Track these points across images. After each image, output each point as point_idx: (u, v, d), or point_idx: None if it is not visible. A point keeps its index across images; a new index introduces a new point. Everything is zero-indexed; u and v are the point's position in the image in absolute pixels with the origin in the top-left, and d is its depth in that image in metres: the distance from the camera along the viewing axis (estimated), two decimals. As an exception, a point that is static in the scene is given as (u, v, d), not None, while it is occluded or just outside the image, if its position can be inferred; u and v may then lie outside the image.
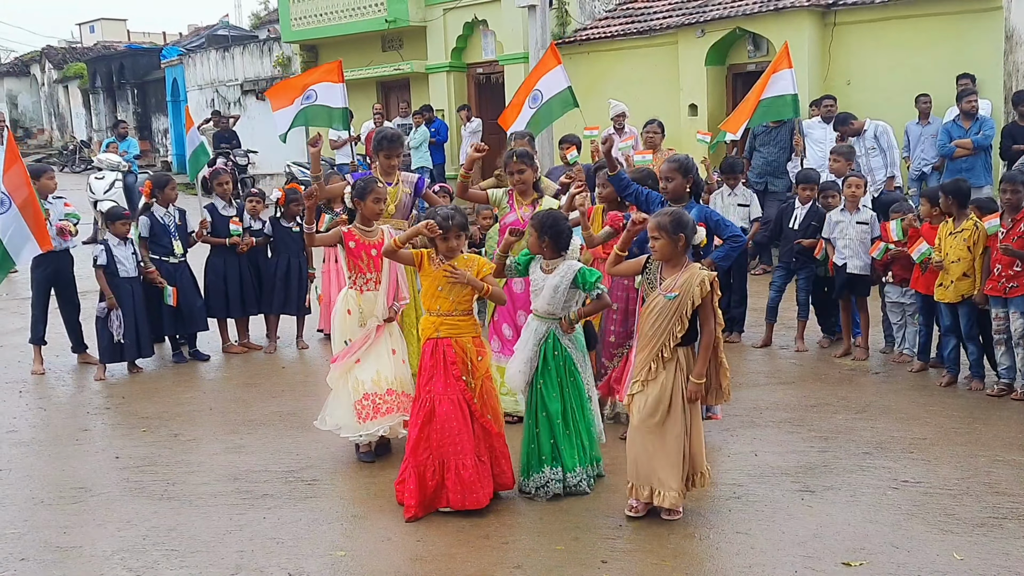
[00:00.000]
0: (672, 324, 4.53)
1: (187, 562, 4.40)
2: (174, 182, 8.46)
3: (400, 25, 17.95)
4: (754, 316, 8.59)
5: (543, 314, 5.00)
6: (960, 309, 6.70)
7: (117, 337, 7.64)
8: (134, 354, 7.82)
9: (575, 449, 4.97)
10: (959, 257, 6.60)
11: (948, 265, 6.63)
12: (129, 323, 7.67)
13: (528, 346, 4.99)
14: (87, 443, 6.21)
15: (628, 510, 4.71)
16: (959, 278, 6.61)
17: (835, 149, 8.51)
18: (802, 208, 7.95)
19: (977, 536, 4.41)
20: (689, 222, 4.65)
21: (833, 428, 5.99)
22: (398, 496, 4.91)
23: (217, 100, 23.81)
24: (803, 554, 4.28)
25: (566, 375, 4.98)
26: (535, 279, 5.04)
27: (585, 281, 4.91)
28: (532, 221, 5.06)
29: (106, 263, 7.62)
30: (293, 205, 8.52)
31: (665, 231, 4.57)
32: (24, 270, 8.96)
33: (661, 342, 4.56)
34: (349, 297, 5.60)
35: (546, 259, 5.03)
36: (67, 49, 37.10)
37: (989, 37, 11.33)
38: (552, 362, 4.96)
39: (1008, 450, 5.50)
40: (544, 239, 4.97)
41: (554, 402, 4.93)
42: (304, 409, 6.75)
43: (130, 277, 7.73)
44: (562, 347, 4.99)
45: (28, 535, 4.76)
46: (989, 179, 10.08)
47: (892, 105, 11.46)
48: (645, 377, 4.62)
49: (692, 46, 14.04)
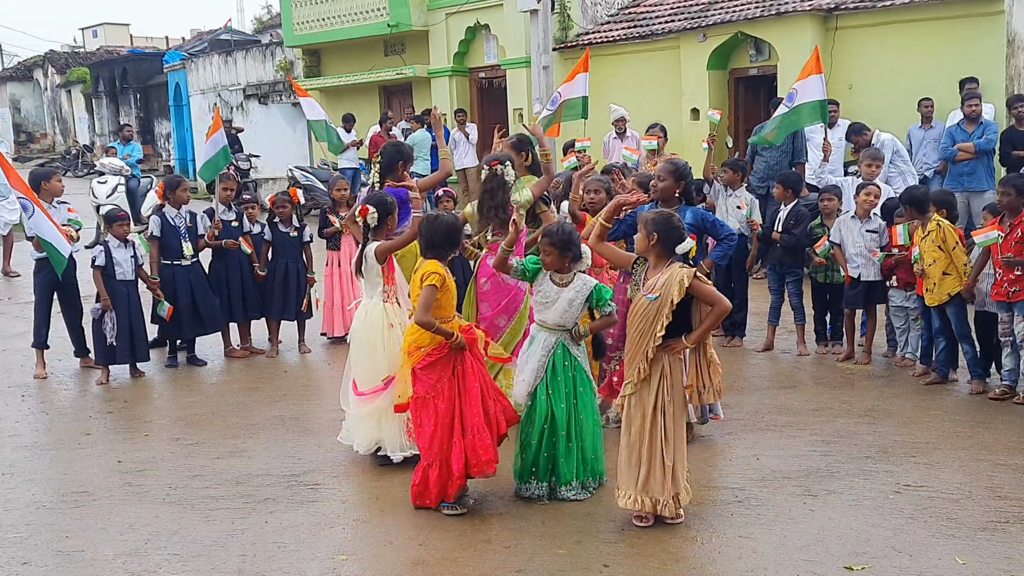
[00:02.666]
0: (655, 324, 4.55)
1: (189, 566, 4.40)
2: (186, 184, 8.47)
3: (402, 30, 17.97)
4: (755, 320, 8.59)
5: (552, 326, 4.97)
6: (948, 309, 6.71)
7: (110, 339, 7.62)
8: (127, 357, 7.77)
9: (574, 461, 4.95)
10: (934, 258, 6.65)
11: (927, 269, 6.67)
12: (123, 326, 7.63)
13: (536, 357, 4.97)
14: (89, 447, 6.22)
15: (636, 520, 4.66)
16: (940, 278, 6.64)
17: (868, 153, 8.47)
18: (784, 210, 7.94)
19: (980, 540, 4.40)
20: (673, 227, 4.64)
21: (835, 432, 5.98)
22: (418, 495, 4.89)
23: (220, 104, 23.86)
24: (805, 558, 4.28)
25: (574, 385, 4.97)
26: (545, 291, 4.98)
27: (600, 298, 4.91)
28: (549, 238, 4.95)
29: (103, 265, 7.60)
30: (279, 209, 8.50)
31: (644, 227, 4.66)
32: (27, 274, 8.98)
33: (646, 343, 4.59)
34: (389, 312, 5.50)
35: (560, 272, 5.00)
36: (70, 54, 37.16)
37: (991, 41, 11.34)
38: (561, 372, 4.95)
39: (1011, 454, 5.49)
40: (567, 255, 4.93)
41: (561, 410, 4.91)
42: (306, 413, 6.76)
43: (127, 280, 7.70)
44: (572, 356, 4.98)
45: (30, 539, 4.76)
46: (992, 183, 10.07)
47: (894, 109, 11.47)
48: (636, 378, 4.64)
49: (694, 50, 14.04)
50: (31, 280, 8.34)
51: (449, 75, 17.76)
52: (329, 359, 8.44)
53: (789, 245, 7.81)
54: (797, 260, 7.87)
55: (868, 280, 7.39)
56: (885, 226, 7.38)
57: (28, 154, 34.66)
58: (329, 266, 8.77)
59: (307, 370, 8.19)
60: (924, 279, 6.76)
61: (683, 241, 4.64)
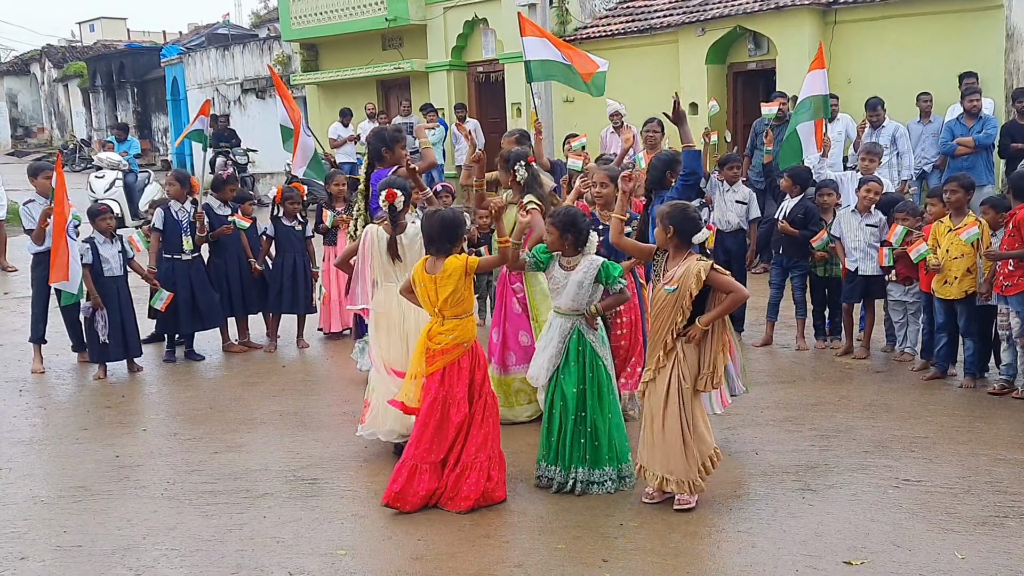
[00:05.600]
0: (674, 315, 4.69)
1: (187, 561, 4.39)
2: (194, 178, 8.45)
3: (400, 24, 17.94)
4: (755, 315, 8.58)
5: (566, 311, 5.02)
6: (959, 306, 6.70)
7: (102, 337, 7.59)
8: (119, 354, 7.74)
9: (582, 447, 4.96)
10: (962, 253, 6.60)
11: (950, 263, 6.63)
12: (115, 323, 7.60)
13: (553, 343, 5.02)
14: (87, 442, 6.20)
15: (644, 497, 4.83)
16: (963, 275, 6.61)
17: (866, 147, 8.46)
18: (790, 201, 7.93)
19: (979, 535, 4.40)
20: (688, 219, 4.72)
21: (834, 427, 5.98)
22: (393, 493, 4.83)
23: (217, 99, 23.82)
24: (804, 553, 4.27)
25: (587, 367, 4.99)
26: (556, 277, 5.05)
27: (608, 275, 4.95)
28: (552, 220, 5.08)
29: (91, 262, 7.54)
30: (289, 204, 8.49)
31: (661, 220, 4.76)
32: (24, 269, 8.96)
33: (666, 332, 4.72)
34: None
35: (566, 256, 5.05)
36: (67, 48, 37.11)
37: (990, 36, 11.33)
38: (576, 358, 4.99)
39: (1009, 448, 5.49)
40: (567, 237, 5.00)
41: (572, 395, 4.95)
42: (304, 408, 6.76)
43: (115, 276, 7.66)
44: (587, 341, 5.01)
45: (28, 534, 4.75)
46: (991, 178, 10.08)
47: (893, 104, 11.44)
48: (655, 366, 4.77)
49: (692, 45, 14.03)
50: (28, 275, 8.32)
51: (447, 69, 17.73)
52: (327, 354, 8.43)
53: (802, 240, 7.77)
54: (803, 253, 7.86)
55: (866, 274, 7.39)
56: (885, 220, 7.37)
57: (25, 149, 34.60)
58: (326, 261, 8.75)
59: (305, 365, 8.18)
60: (938, 273, 6.70)
61: (699, 231, 4.71)
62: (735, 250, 8.23)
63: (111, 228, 7.73)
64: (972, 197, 6.88)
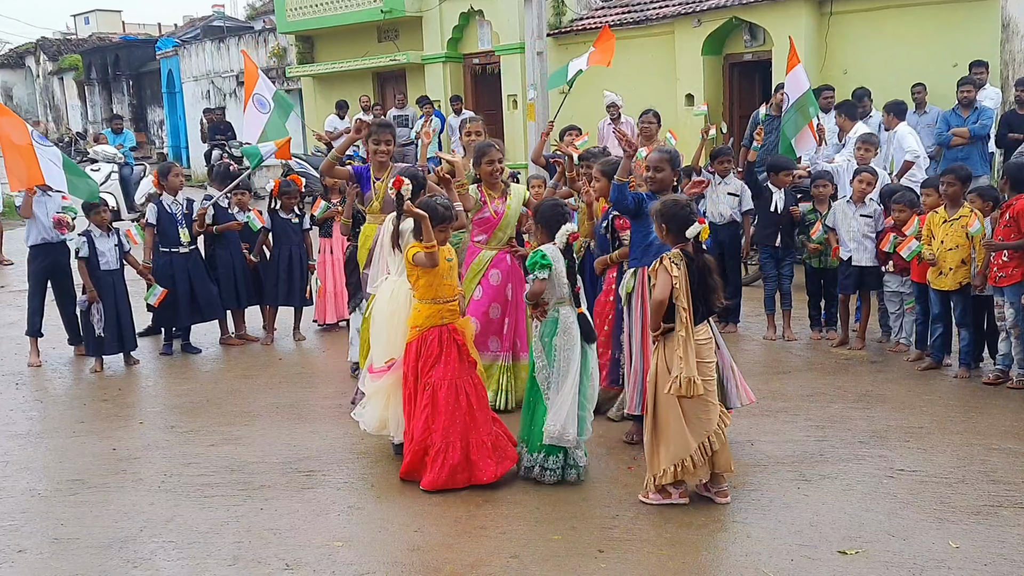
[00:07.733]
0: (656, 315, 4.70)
1: (184, 553, 4.40)
2: (177, 169, 8.40)
3: (396, 15, 17.90)
4: (750, 307, 8.60)
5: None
6: (954, 297, 6.71)
7: (98, 331, 7.59)
8: (115, 348, 7.73)
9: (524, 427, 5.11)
10: (956, 244, 6.61)
11: (945, 254, 6.64)
12: (111, 316, 7.60)
13: None
14: (84, 435, 6.21)
15: None
16: (957, 265, 6.62)
17: (863, 137, 8.46)
18: (779, 192, 7.93)
19: (973, 524, 4.42)
20: (676, 213, 4.68)
21: (829, 417, 6.00)
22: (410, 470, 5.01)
23: (212, 91, 23.77)
24: (799, 543, 4.29)
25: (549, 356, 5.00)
26: None
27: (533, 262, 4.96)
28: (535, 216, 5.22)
29: (88, 256, 7.52)
30: (286, 197, 8.48)
31: (654, 218, 4.82)
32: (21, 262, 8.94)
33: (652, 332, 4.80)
34: None
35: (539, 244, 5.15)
36: (62, 41, 36.95)
37: (986, 27, 11.32)
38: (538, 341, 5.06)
39: (1004, 438, 5.51)
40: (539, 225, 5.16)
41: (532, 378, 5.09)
42: (301, 401, 6.76)
43: (111, 270, 7.65)
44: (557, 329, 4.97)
45: (25, 527, 4.76)
46: (986, 169, 10.07)
47: (889, 95, 11.40)
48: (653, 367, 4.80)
49: (688, 36, 14.01)
50: (24, 268, 8.30)
51: (443, 61, 17.70)
52: (323, 347, 8.43)
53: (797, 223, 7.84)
54: (797, 247, 7.88)
55: (861, 265, 7.40)
56: (881, 211, 7.38)
57: (21, 142, 34.44)
58: (321, 253, 8.75)
59: (302, 358, 8.18)
60: (933, 264, 6.71)
61: (691, 224, 4.63)
62: (728, 242, 8.23)
63: (107, 221, 7.71)
64: (968, 188, 6.89)
